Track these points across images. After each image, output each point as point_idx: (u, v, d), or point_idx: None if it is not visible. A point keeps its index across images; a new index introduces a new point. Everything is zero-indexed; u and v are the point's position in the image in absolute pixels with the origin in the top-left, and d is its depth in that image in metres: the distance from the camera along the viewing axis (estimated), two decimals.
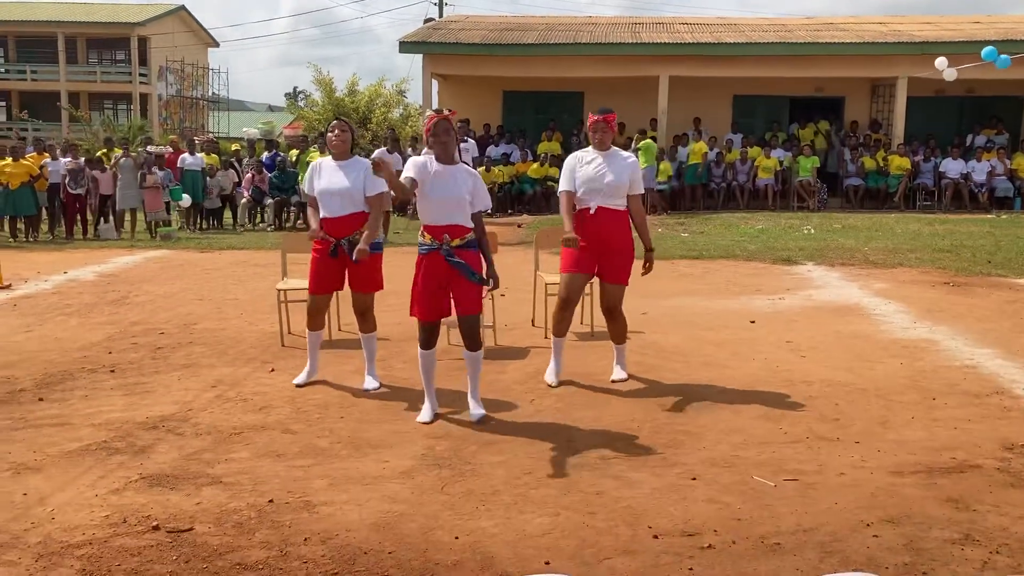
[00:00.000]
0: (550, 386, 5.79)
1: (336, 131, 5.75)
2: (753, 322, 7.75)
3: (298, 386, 5.87)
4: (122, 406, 5.48)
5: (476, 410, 5.15)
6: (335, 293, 6.21)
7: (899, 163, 18.77)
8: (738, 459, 4.43)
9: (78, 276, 11.01)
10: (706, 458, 4.45)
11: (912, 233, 14.72)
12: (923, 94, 19.90)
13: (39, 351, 6.95)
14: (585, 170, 5.68)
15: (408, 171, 4.91)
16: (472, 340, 5.07)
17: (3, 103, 43.09)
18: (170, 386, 5.92)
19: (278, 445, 4.73)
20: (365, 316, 5.89)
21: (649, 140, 18.16)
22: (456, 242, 4.94)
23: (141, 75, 42.53)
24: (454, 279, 4.96)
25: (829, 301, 8.84)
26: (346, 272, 5.79)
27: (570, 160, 5.78)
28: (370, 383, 5.90)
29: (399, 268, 6.86)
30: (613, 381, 5.87)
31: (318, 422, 5.14)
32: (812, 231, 15.25)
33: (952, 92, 19.74)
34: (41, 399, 5.63)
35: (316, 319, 5.94)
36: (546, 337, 7.14)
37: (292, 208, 16.89)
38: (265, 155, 17.93)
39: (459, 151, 5.13)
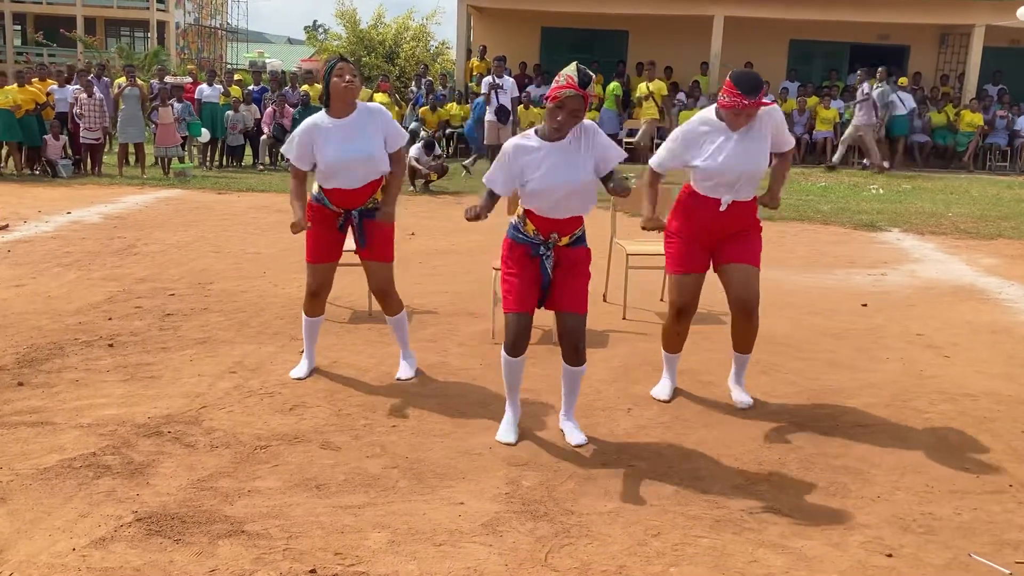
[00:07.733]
0: (662, 401, 4.53)
1: (347, 76, 4.27)
2: (865, 305, 6.57)
3: (296, 379, 4.72)
4: (119, 398, 4.40)
5: (576, 436, 3.98)
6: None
7: (970, 119, 17.34)
8: (934, 520, 3.30)
9: (82, 217, 9.92)
10: (890, 516, 3.32)
11: (992, 198, 13.43)
12: (996, 44, 18.40)
13: (27, 313, 5.88)
14: (709, 154, 4.12)
15: (494, 174, 3.80)
16: (575, 350, 3.84)
17: (18, 26, 41.54)
18: (180, 370, 4.84)
19: (317, 469, 3.64)
20: (388, 295, 4.69)
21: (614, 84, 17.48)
22: (565, 240, 3.80)
23: (159, 1, 40.96)
24: (558, 269, 3.83)
25: (939, 279, 7.64)
26: (354, 242, 4.60)
27: (687, 130, 4.19)
28: (405, 371, 4.83)
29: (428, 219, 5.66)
30: (742, 408, 4.45)
31: (365, 432, 4.05)
32: (880, 191, 13.98)
33: None
34: (21, 383, 4.57)
35: (317, 302, 4.69)
36: (624, 318, 6.04)
37: None
38: (252, 88, 17.10)
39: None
